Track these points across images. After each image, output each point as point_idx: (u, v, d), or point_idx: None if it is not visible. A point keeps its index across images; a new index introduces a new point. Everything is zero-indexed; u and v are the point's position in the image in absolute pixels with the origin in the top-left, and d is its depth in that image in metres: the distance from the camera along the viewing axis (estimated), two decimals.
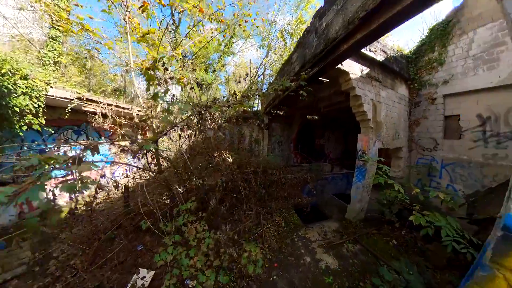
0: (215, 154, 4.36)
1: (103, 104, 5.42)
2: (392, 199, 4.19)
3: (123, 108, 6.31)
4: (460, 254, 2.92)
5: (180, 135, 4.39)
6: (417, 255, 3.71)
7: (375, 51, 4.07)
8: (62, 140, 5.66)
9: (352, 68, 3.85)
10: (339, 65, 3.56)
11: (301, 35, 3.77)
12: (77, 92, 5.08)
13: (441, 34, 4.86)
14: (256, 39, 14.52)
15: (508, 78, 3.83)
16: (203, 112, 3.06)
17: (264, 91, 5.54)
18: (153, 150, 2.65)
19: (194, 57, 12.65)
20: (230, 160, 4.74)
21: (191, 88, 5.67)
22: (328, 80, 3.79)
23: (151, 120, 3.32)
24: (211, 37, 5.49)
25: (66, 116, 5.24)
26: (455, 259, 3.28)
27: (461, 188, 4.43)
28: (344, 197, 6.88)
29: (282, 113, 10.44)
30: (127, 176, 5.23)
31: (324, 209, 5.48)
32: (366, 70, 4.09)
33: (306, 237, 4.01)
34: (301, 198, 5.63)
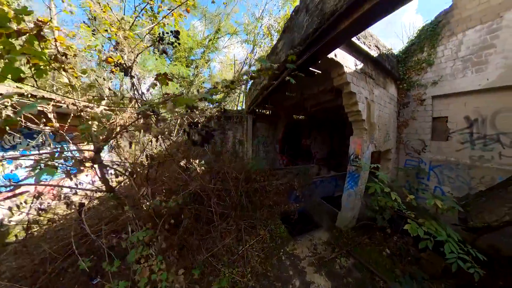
0: (181, 163, 3.73)
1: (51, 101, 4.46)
2: (384, 206, 4.05)
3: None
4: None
5: (130, 143, 3.67)
6: (412, 263, 3.59)
7: (369, 45, 3.83)
8: None
9: (346, 60, 3.50)
10: (332, 56, 3.16)
11: (289, 17, 3.25)
12: (17, 87, 4.10)
13: (431, 34, 4.86)
14: (243, 36, 13.99)
15: (496, 81, 3.87)
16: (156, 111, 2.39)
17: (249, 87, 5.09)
18: (94, 164, 2.01)
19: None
20: (200, 170, 4.08)
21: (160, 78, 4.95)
22: (320, 72, 3.24)
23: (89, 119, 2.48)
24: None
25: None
26: (450, 267, 3.20)
27: (450, 190, 4.46)
28: (332, 200, 6.72)
29: (268, 112, 10.10)
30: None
31: (313, 215, 5.20)
32: (360, 65, 3.80)
33: (295, 253, 3.63)
34: (288, 204, 5.29)
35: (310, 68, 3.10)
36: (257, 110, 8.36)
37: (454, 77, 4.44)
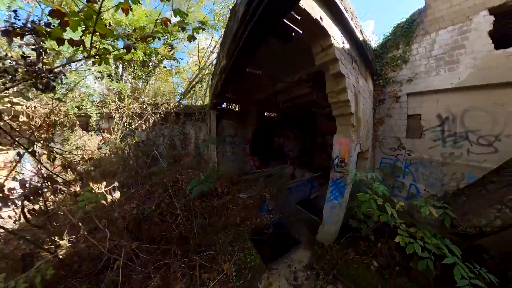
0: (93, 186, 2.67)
1: None
2: (370, 214, 3.88)
3: None
4: (447, 271, 2.76)
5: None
6: (401, 275, 3.46)
7: (356, 25, 3.38)
8: None
9: (333, 31, 2.87)
10: (317, 17, 2.44)
11: None
12: None
13: (406, 32, 4.92)
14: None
15: (466, 80, 4.06)
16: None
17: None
18: None
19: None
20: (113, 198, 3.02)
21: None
22: (300, 33, 2.32)
23: None
24: None
25: None
26: (441, 277, 3.19)
27: (425, 188, 4.64)
28: (309, 203, 6.50)
29: (236, 107, 9.30)
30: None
31: (290, 227, 4.73)
32: (347, 44, 3.33)
33: None
34: (260, 218, 4.68)
35: (286, 22, 2.18)
36: (222, 106, 7.48)
37: (428, 75, 4.57)
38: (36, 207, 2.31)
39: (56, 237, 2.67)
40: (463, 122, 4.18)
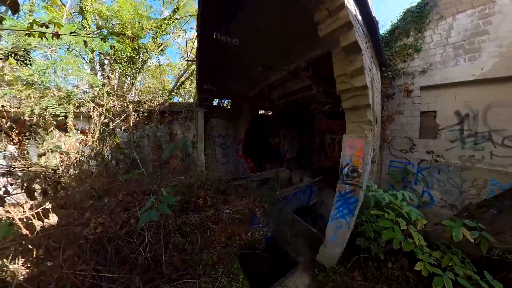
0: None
1: None
2: (380, 230, 3.32)
3: None
4: None
5: None
6: None
7: None
8: None
9: None
10: None
11: None
12: None
13: (417, 17, 4.35)
14: None
15: (490, 71, 3.51)
16: None
17: None
18: None
19: None
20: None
21: None
22: None
23: None
24: None
25: None
26: None
27: (441, 196, 4.10)
28: (307, 211, 5.93)
29: (228, 106, 8.66)
30: None
31: (285, 244, 4.14)
32: (359, 16, 2.65)
33: None
34: (251, 232, 4.05)
35: None
36: (212, 103, 6.83)
37: (444, 65, 4.01)
38: None
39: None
40: (486, 120, 3.65)
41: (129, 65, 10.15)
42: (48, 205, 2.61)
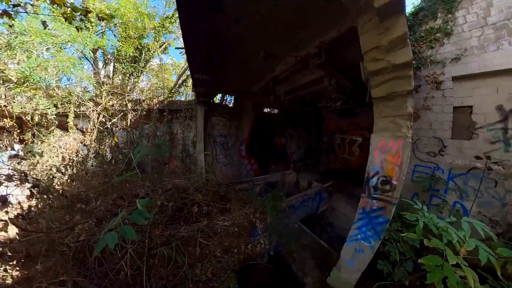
0: None
1: None
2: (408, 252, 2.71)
3: None
4: None
5: None
6: None
7: None
8: None
9: None
10: None
11: None
12: None
13: None
14: None
15: None
16: None
17: None
18: None
19: None
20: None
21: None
22: None
23: None
24: None
25: None
26: None
27: (478, 209, 3.42)
28: (316, 220, 5.35)
29: (231, 104, 8.19)
30: None
31: (291, 260, 3.58)
32: None
33: None
34: (252, 244, 3.51)
35: None
36: (212, 101, 6.37)
37: (483, 51, 3.34)
38: None
39: None
40: None
41: (132, 64, 10.04)
42: (4, 216, 2.24)
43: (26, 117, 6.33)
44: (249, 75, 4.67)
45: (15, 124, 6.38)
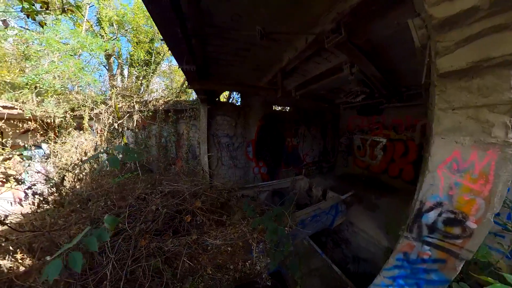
0: None
1: None
2: None
3: None
4: None
5: None
6: None
7: None
8: None
9: None
10: None
11: None
12: None
13: None
14: None
15: None
16: None
17: None
18: None
19: None
20: None
21: None
22: None
23: None
24: None
25: None
26: None
27: None
28: (327, 233, 4.64)
29: (233, 99, 7.73)
30: None
31: (293, 285, 2.94)
32: None
33: None
34: (250, 261, 2.94)
35: None
36: (217, 99, 5.92)
37: None
38: None
39: None
40: None
41: (145, 68, 10.32)
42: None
43: (47, 120, 6.73)
44: (251, 66, 4.09)
45: (38, 127, 6.79)
